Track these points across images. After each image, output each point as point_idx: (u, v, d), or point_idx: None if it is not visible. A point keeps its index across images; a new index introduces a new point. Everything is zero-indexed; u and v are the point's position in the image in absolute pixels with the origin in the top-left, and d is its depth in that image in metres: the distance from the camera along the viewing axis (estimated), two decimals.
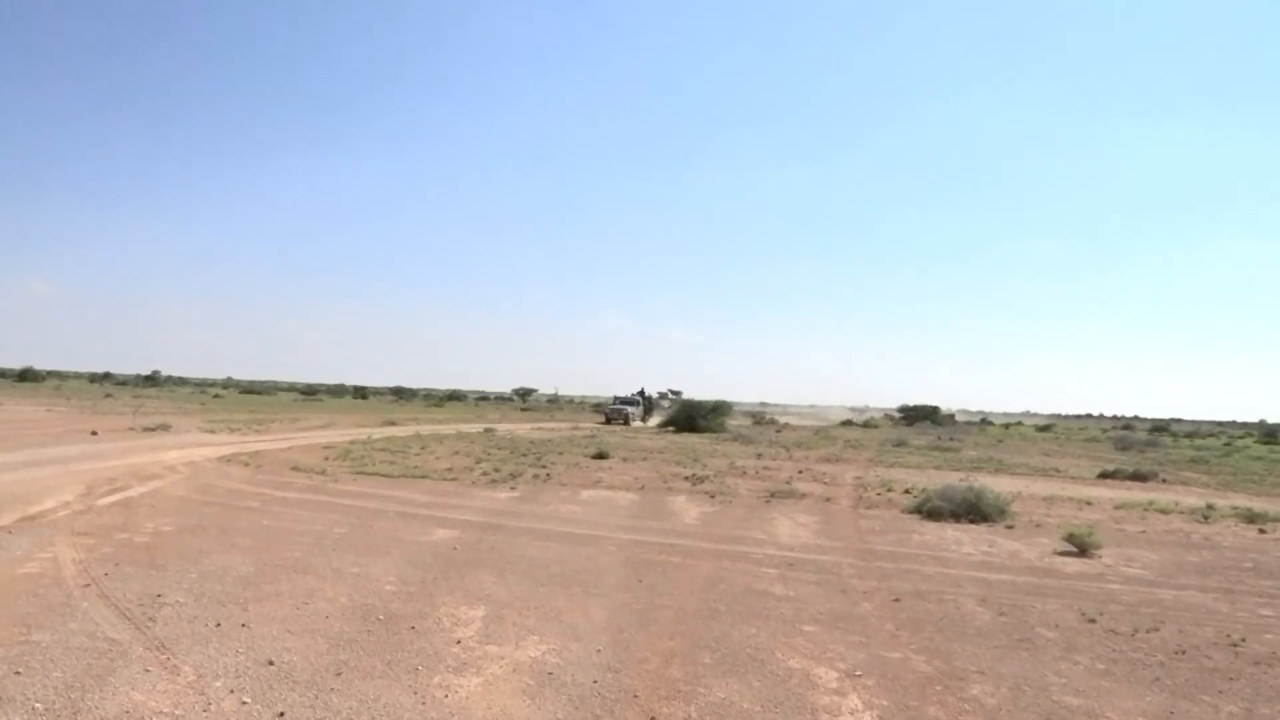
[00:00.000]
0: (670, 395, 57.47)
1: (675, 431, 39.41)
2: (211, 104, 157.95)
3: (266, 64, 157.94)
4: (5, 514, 9.72)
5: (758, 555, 9.41)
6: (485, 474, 16.03)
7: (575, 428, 40.24)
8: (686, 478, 16.95)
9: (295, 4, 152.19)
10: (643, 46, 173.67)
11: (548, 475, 16.24)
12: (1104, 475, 21.94)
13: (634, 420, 49.29)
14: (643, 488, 15.12)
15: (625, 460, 20.45)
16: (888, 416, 78.99)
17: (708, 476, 17.30)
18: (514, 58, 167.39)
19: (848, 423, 67.21)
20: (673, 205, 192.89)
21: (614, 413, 49.33)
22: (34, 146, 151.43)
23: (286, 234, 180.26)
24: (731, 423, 45.25)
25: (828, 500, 14.39)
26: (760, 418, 63.90)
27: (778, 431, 44.08)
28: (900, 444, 33.58)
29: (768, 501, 13.99)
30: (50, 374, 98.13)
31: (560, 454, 21.53)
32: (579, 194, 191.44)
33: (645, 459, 21.18)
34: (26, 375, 79.89)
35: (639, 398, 53.39)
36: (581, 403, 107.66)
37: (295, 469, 15.54)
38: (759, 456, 23.80)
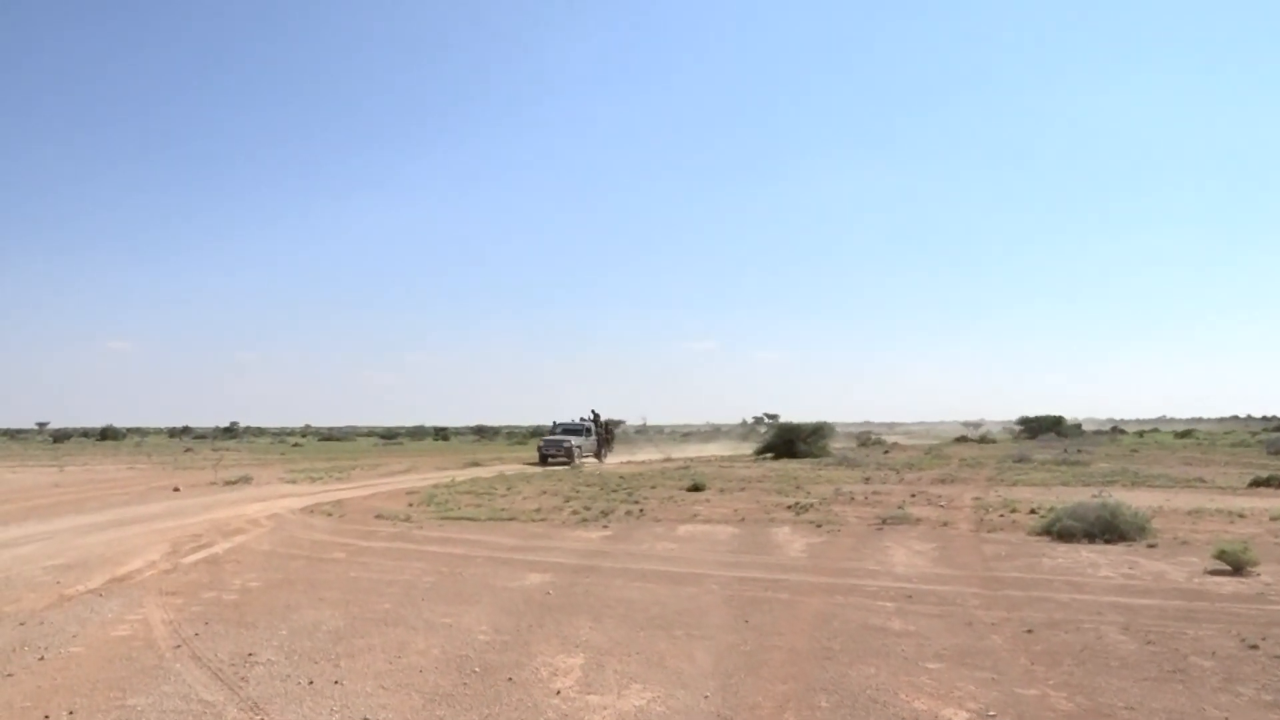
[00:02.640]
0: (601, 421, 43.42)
1: (774, 458, 39.04)
2: (276, 143, 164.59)
3: (334, 101, 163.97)
4: (94, 576, 10.16)
5: (872, 588, 9.23)
6: (575, 513, 16.11)
7: (667, 459, 40.20)
8: (789, 507, 16.76)
9: (357, 37, 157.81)
10: (715, 55, 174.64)
11: (641, 511, 16.24)
12: (1256, 484, 20.82)
13: (582, 455, 38.93)
14: (743, 520, 15.00)
15: (722, 492, 20.33)
16: (1006, 430, 76.83)
17: (812, 505, 17.07)
18: (580, 81, 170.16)
19: (962, 439, 65.65)
20: (756, 219, 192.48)
21: (551, 446, 37.84)
22: (99, 203, 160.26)
23: (358, 276, 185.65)
24: (834, 445, 44.59)
25: (945, 525, 14.04)
26: (865, 439, 62.87)
27: (885, 453, 43.30)
28: (1022, 459, 32.57)
29: (879, 529, 13.73)
30: (130, 431, 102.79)
31: (653, 488, 21.53)
32: (657, 216, 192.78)
33: (743, 489, 21.02)
34: (107, 434, 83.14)
35: (588, 424, 41.55)
36: (672, 432, 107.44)
37: (379, 517, 15.87)
38: (866, 480, 23.39)
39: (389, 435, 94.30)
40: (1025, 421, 67.33)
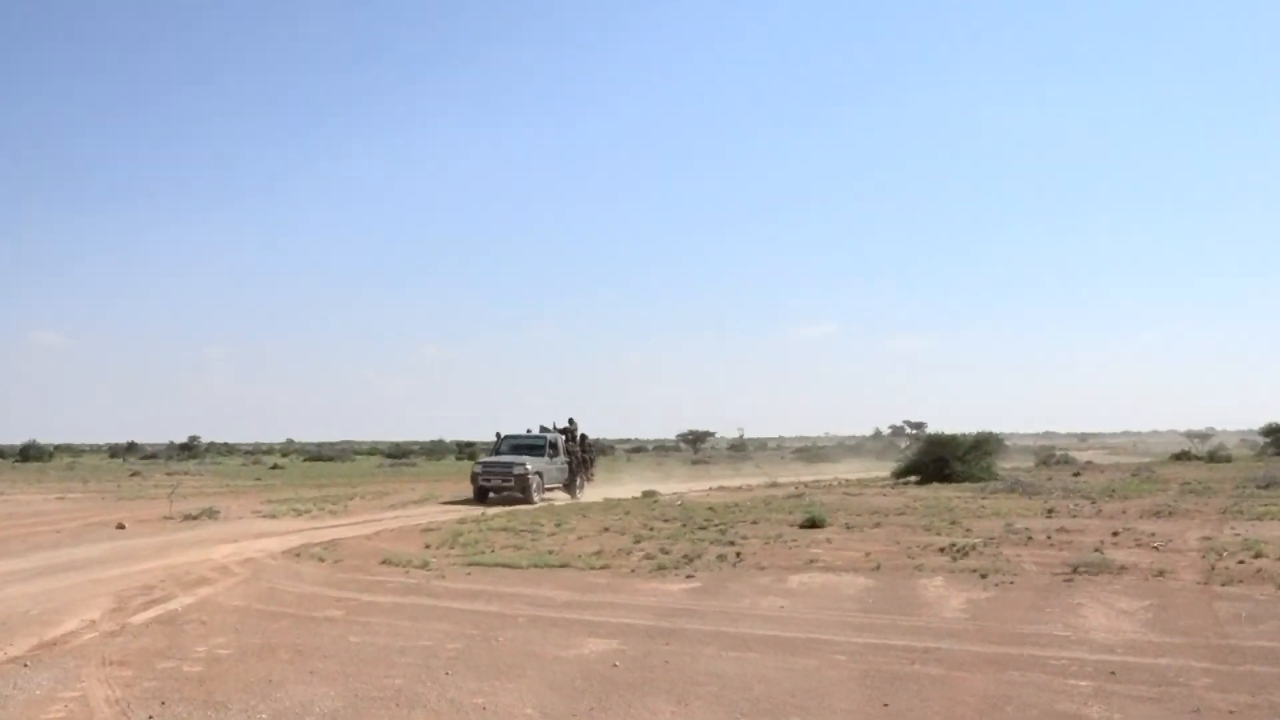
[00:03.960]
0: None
1: (920, 482, 38.54)
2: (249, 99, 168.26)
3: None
4: (17, 640, 10.42)
5: (1058, 660, 9.07)
6: (649, 557, 16.17)
7: (772, 484, 39.91)
8: (942, 549, 16.56)
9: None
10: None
11: (738, 555, 16.24)
12: None
13: (545, 485, 35.04)
14: (878, 567, 14.92)
15: (849, 529, 20.19)
16: (1246, 442, 74.74)
17: (974, 546, 16.84)
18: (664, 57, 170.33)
19: (1183, 455, 63.94)
20: (888, 161, 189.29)
21: (493, 472, 33.63)
22: (30, 161, 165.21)
23: (364, 252, 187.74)
24: (1004, 465, 43.87)
25: (1160, 574, 13.71)
26: (1047, 456, 61.74)
27: (1075, 475, 42.43)
28: (1270, 484, 31.64)
29: (1068, 580, 13.49)
30: (60, 449, 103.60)
31: (753, 523, 21.52)
32: (751, 163, 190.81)
33: (878, 525, 20.84)
34: (30, 453, 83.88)
35: (553, 438, 36.93)
36: (778, 447, 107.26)
37: (387, 563, 16.12)
38: (1049, 513, 22.95)
39: (397, 453, 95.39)
40: (1273, 431, 65.28)
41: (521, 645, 9.98)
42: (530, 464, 33.79)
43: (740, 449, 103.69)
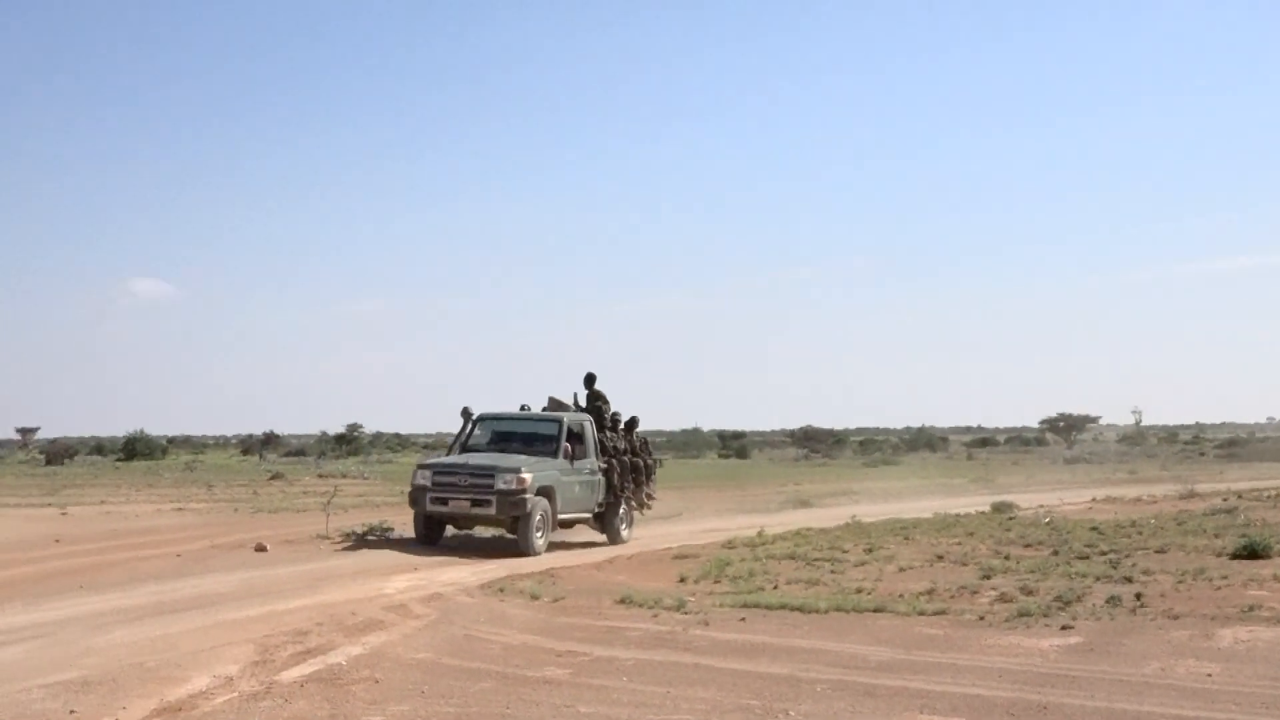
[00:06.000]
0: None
1: None
2: None
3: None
4: (132, 703, 9.55)
5: None
6: (1004, 599, 14.42)
7: (1190, 493, 36.24)
8: None
9: None
10: None
11: (1138, 598, 14.23)
12: None
13: (549, 518, 22.51)
14: None
15: None
16: None
17: None
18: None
19: None
20: None
21: (448, 485, 22.42)
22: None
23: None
24: None
25: None
26: None
27: None
28: None
29: None
30: (174, 442, 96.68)
31: (1159, 551, 19.19)
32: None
33: None
34: (137, 448, 76.50)
35: (572, 422, 24.37)
36: (1195, 439, 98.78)
37: (625, 602, 14.95)
38: None
39: None
40: None
41: None
42: (530, 470, 22.08)
43: (1137, 441, 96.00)
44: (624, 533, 25.21)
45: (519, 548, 21.64)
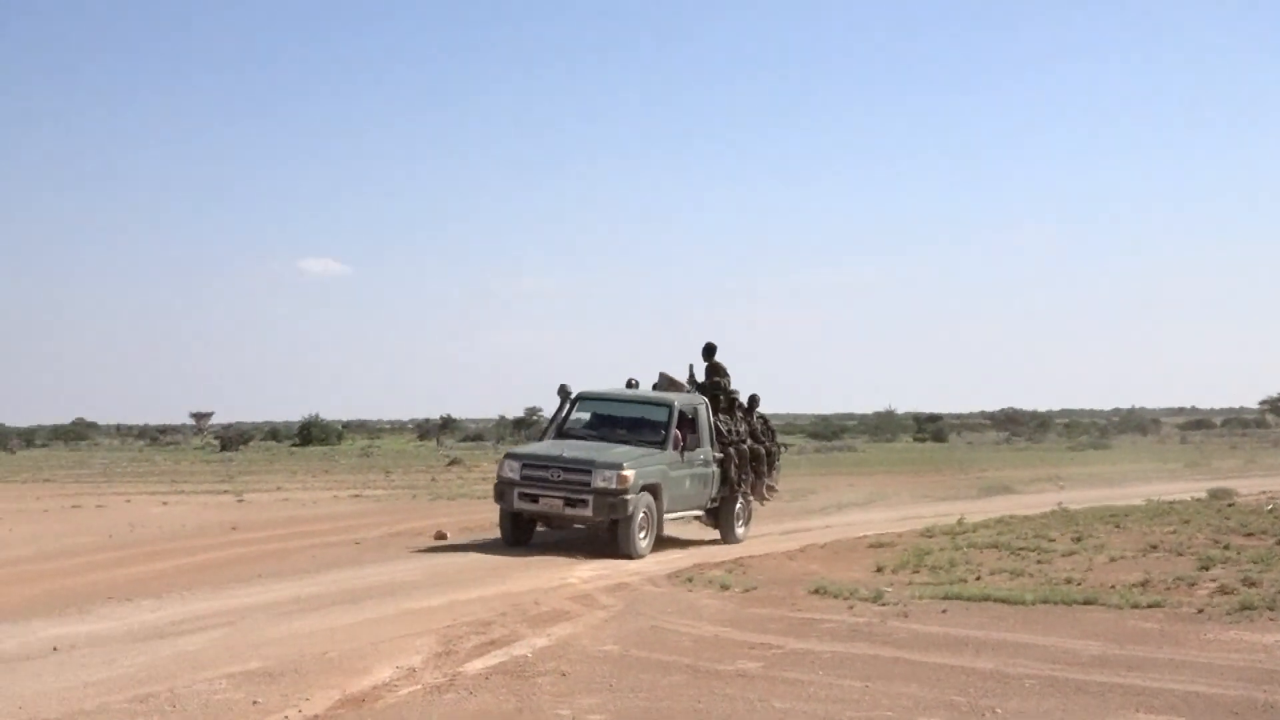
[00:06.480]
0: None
1: None
2: None
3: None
4: (315, 693, 9.41)
5: None
6: (1225, 591, 13.69)
7: None
8: None
9: None
10: None
11: None
12: None
13: (655, 517, 19.73)
14: None
15: None
16: None
17: None
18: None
19: None
20: None
21: (538, 480, 19.32)
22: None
23: None
24: None
25: None
26: None
27: None
28: None
29: None
30: (349, 427, 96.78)
31: None
32: None
33: None
34: (312, 433, 76.91)
35: (672, 410, 20.91)
36: None
37: (820, 593, 14.45)
38: None
39: (826, 431, 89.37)
40: None
41: None
42: (633, 465, 19.28)
43: None
44: (739, 530, 22.56)
45: (623, 546, 19.18)
